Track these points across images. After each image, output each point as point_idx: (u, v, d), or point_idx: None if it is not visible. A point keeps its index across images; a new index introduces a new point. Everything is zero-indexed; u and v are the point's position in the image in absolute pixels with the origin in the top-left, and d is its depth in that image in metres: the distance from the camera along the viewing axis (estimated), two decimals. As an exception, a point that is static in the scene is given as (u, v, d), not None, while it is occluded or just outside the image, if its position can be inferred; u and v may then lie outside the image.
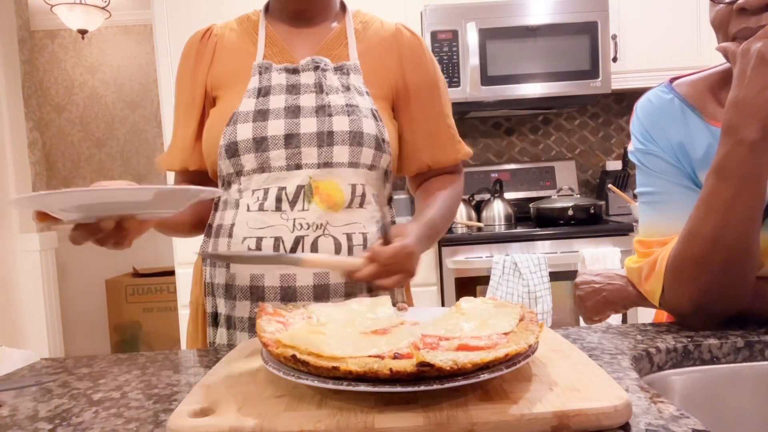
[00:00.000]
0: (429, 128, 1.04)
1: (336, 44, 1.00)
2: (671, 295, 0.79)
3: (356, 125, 0.92)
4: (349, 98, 0.94)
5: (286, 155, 0.90)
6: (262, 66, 0.96)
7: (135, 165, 4.07)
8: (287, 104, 0.92)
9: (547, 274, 2.13)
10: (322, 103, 0.92)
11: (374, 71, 0.99)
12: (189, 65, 1.02)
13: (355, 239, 0.92)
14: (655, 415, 0.49)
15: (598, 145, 2.94)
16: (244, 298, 0.91)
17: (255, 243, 0.89)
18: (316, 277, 0.89)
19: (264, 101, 0.93)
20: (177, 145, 1.03)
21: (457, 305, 0.70)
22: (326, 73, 0.95)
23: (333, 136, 0.90)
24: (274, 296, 0.89)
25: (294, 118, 0.91)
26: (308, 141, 0.90)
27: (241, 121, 0.91)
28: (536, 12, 2.39)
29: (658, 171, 0.85)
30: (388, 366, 0.47)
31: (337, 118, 0.91)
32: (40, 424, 0.55)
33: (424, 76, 1.03)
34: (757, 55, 0.66)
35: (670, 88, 0.88)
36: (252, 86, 0.94)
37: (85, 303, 3.99)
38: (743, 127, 0.67)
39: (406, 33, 1.04)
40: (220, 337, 0.95)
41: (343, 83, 0.95)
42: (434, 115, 1.04)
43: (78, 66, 4.04)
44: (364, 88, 0.97)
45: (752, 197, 0.70)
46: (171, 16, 2.37)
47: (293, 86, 0.94)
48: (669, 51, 2.50)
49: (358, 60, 0.99)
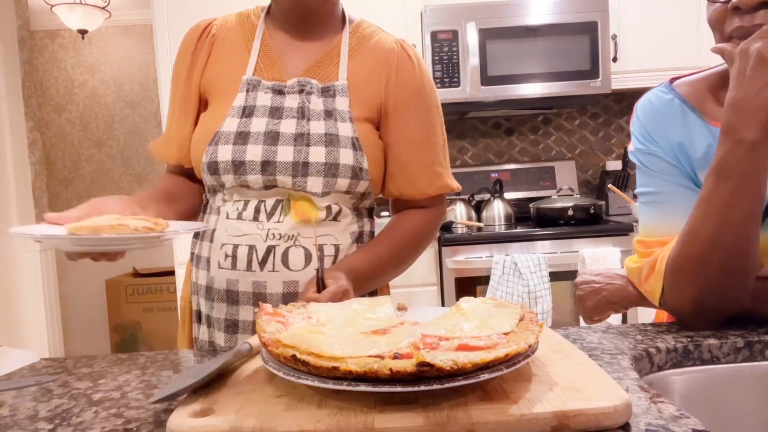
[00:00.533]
0: (401, 157, 1.00)
1: (327, 62, 0.99)
2: (671, 295, 0.79)
3: (332, 157, 0.92)
4: (329, 126, 0.93)
5: (263, 180, 0.92)
6: (251, 83, 0.96)
7: (135, 165, 4.07)
8: (267, 129, 0.93)
9: (547, 274, 2.13)
10: (302, 131, 0.93)
11: (361, 92, 0.98)
12: (185, 61, 1.02)
13: (326, 250, 0.95)
14: (655, 415, 0.49)
15: (598, 145, 2.94)
16: (221, 301, 0.95)
17: (231, 249, 0.93)
18: (285, 285, 0.93)
19: (246, 123, 0.94)
20: (173, 138, 1.04)
21: (457, 305, 0.69)
22: (311, 96, 0.95)
23: (308, 167, 0.92)
24: (246, 301, 0.93)
25: (272, 144, 0.92)
26: (283, 170, 0.91)
27: (222, 142, 0.93)
28: (536, 12, 2.39)
29: (658, 171, 0.85)
30: (388, 366, 0.47)
31: (315, 149, 0.92)
32: (40, 424, 0.55)
33: (404, 101, 0.99)
34: (756, 55, 0.66)
35: (670, 89, 0.88)
36: (237, 104, 0.95)
37: (85, 303, 3.99)
38: (742, 128, 0.67)
39: (401, 54, 1.01)
40: (202, 334, 1.00)
41: (327, 107, 0.95)
42: (410, 143, 0.99)
43: (78, 66, 4.03)
44: (347, 113, 0.96)
45: (752, 197, 0.70)
46: (171, 16, 2.37)
47: (276, 109, 0.95)
48: (669, 51, 2.50)
49: (346, 81, 0.97)
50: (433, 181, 1.01)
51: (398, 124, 0.99)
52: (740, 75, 0.68)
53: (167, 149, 1.05)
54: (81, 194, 4.04)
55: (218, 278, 0.95)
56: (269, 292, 0.93)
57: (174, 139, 1.04)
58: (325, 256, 0.94)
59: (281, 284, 0.93)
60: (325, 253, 0.94)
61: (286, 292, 0.93)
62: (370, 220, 1.06)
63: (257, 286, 0.93)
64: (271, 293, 0.93)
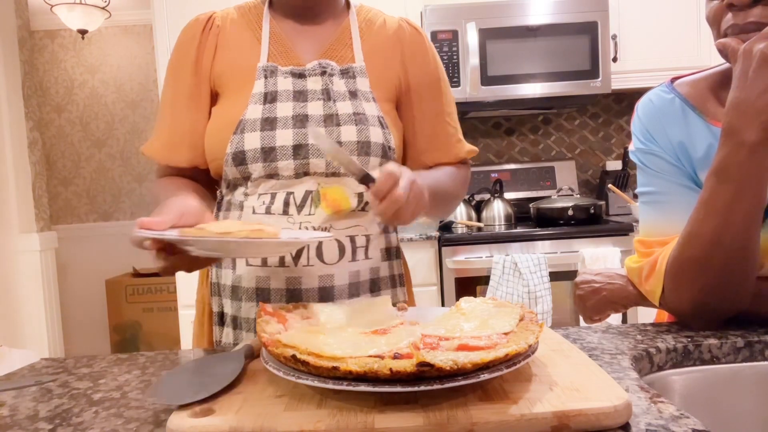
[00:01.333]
0: (430, 129, 1.02)
1: (341, 45, 0.99)
2: (671, 296, 0.79)
3: (364, 135, 0.91)
4: (356, 106, 0.93)
5: (295, 165, 0.89)
6: (268, 69, 0.94)
7: (135, 165, 4.07)
8: (295, 112, 0.91)
9: (547, 274, 2.13)
10: (330, 111, 0.91)
11: (379, 72, 0.98)
12: (190, 55, 0.97)
13: (358, 241, 0.92)
14: (655, 415, 0.49)
15: (598, 145, 2.94)
16: (250, 300, 0.91)
17: None
18: (320, 280, 0.89)
19: (271, 108, 0.91)
20: (182, 138, 0.97)
21: (457, 305, 0.70)
22: (333, 78, 0.94)
23: (341, 147, 0.90)
24: (279, 298, 0.89)
25: (302, 127, 0.90)
26: (317, 151, 0.89)
27: (248, 130, 0.89)
28: (536, 12, 2.39)
29: (658, 171, 0.85)
30: (388, 366, 0.47)
31: (345, 128, 0.91)
32: (40, 424, 0.55)
33: (425, 75, 1.02)
34: (759, 56, 0.65)
35: (671, 88, 0.88)
36: (257, 91, 0.92)
37: (85, 303, 3.99)
38: (744, 129, 0.67)
39: (408, 29, 1.03)
40: (226, 336, 0.96)
41: (350, 88, 0.94)
42: (435, 115, 1.02)
43: (78, 66, 4.04)
44: (370, 93, 0.96)
45: (752, 199, 0.70)
46: (171, 16, 2.37)
47: (300, 92, 0.93)
48: (669, 51, 2.50)
49: (363, 62, 0.97)
50: (461, 148, 1.05)
51: (422, 99, 1.01)
52: (743, 76, 0.67)
53: (175, 151, 0.97)
54: (81, 194, 4.04)
55: (246, 276, 0.91)
56: (304, 287, 0.89)
57: (185, 138, 0.96)
58: (357, 247, 0.92)
59: (317, 279, 0.89)
60: (357, 244, 0.92)
61: (322, 287, 0.89)
62: None
63: (291, 282, 0.89)
64: (306, 288, 0.89)
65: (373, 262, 0.95)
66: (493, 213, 2.54)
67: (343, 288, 0.91)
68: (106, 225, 4.04)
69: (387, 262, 0.99)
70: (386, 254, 0.98)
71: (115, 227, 4.02)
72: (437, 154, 1.03)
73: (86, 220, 4.05)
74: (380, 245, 0.97)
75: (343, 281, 0.90)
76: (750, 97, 0.66)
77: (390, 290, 0.98)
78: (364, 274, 0.93)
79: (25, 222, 2.87)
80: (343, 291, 0.91)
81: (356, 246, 0.92)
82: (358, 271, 0.92)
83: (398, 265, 1.02)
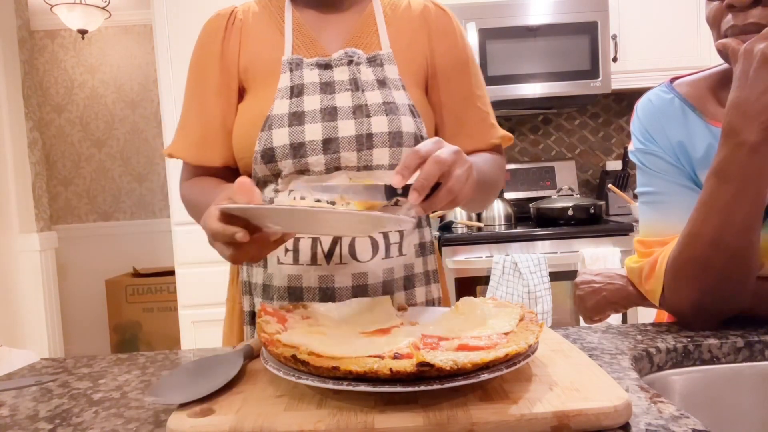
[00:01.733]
0: (459, 113, 0.97)
1: (366, 32, 0.95)
2: (671, 296, 0.79)
3: (395, 125, 0.88)
4: (385, 95, 0.89)
5: (325, 160, 0.86)
6: (293, 62, 0.91)
7: (135, 165, 4.07)
8: (323, 105, 0.88)
9: (547, 274, 2.13)
10: (359, 102, 0.88)
11: (406, 58, 0.95)
12: (215, 48, 0.95)
13: (391, 237, 0.89)
14: (655, 415, 0.49)
15: (598, 145, 2.94)
16: (281, 299, 0.88)
17: (292, 243, 0.86)
18: (354, 278, 0.86)
19: (298, 102, 0.88)
20: (214, 136, 0.94)
21: (457, 305, 0.70)
22: (360, 66, 0.91)
23: (372, 139, 0.87)
24: (312, 297, 0.87)
25: (331, 120, 0.87)
26: (347, 145, 0.86)
27: (276, 126, 0.87)
28: (536, 12, 2.39)
29: (658, 171, 0.85)
30: (388, 366, 0.47)
31: (376, 119, 0.87)
32: (40, 424, 0.55)
33: (452, 56, 0.97)
34: (760, 57, 0.65)
35: (670, 88, 0.88)
36: (283, 85, 0.90)
37: (85, 303, 3.99)
38: (744, 129, 0.67)
39: (434, 9, 1.00)
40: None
41: (378, 77, 0.91)
42: (463, 98, 0.98)
43: (78, 66, 4.04)
44: (399, 80, 0.93)
45: (753, 199, 0.70)
46: (171, 16, 2.37)
47: (327, 84, 0.90)
48: (669, 51, 2.50)
49: (390, 48, 0.94)
50: (493, 134, 0.99)
51: (450, 81, 0.97)
52: (743, 76, 0.67)
53: (207, 149, 0.94)
54: (81, 194, 4.04)
55: (278, 275, 0.88)
56: (337, 286, 0.86)
57: (217, 135, 0.94)
58: (390, 243, 0.88)
59: (350, 277, 0.86)
60: (390, 240, 0.88)
61: (356, 285, 0.86)
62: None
63: (324, 280, 0.86)
64: (339, 287, 0.86)
65: (407, 259, 0.92)
66: (493, 213, 2.54)
67: (377, 286, 0.88)
68: (106, 225, 4.04)
69: (421, 258, 0.95)
70: (420, 250, 0.95)
71: (115, 227, 4.02)
72: (468, 141, 0.96)
73: (86, 220, 4.05)
74: (414, 241, 0.93)
75: (376, 279, 0.87)
76: (750, 98, 0.66)
77: (424, 287, 0.95)
78: (398, 271, 0.90)
79: (25, 222, 2.87)
80: (377, 288, 0.88)
81: (390, 242, 0.88)
82: (392, 268, 0.89)
83: (432, 261, 0.98)
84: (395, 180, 0.66)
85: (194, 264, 2.32)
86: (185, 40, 2.28)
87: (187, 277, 2.35)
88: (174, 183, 2.31)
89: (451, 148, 0.67)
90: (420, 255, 0.94)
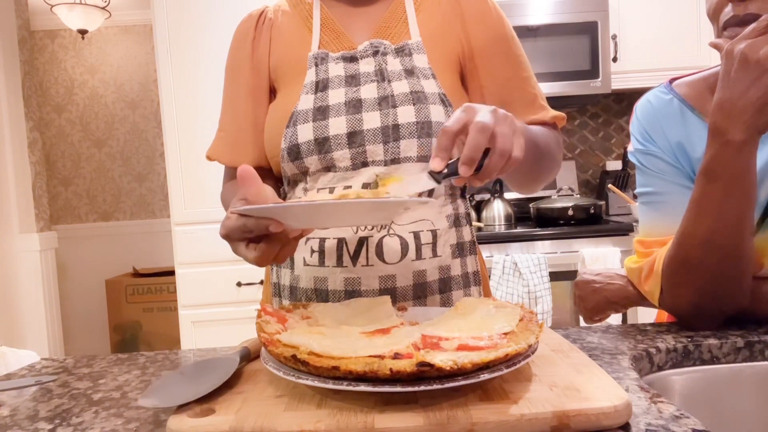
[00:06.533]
0: (503, 95, 0.91)
1: (395, 22, 0.92)
2: (669, 296, 0.79)
3: (423, 115, 0.84)
4: (413, 84, 0.85)
5: (351, 155, 0.83)
6: (318, 56, 0.89)
7: (135, 165, 4.07)
8: (347, 98, 0.85)
9: (547, 274, 2.13)
10: (385, 93, 0.85)
11: (438, 46, 0.91)
12: (245, 50, 0.95)
13: (423, 237, 0.84)
14: (655, 415, 0.49)
15: (598, 145, 2.94)
16: (309, 301, 0.86)
17: (318, 244, 0.85)
18: (381, 281, 0.83)
19: (322, 96, 0.86)
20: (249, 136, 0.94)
21: (457, 305, 0.70)
22: (386, 57, 0.88)
23: (399, 130, 0.83)
24: (338, 299, 0.84)
25: (356, 113, 0.84)
26: (373, 138, 0.83)
27: (300, 122, 0.85)
28: (536, 12, 2.39)
29: (657, 171, 0.85)
30: (388, 366, 0.47)
31: (402, 109, 0.83)
32: (40, 424, 0.55)
33: (490, 36, 0.92)
34: (740, 57, 0.66)
35: (669, 89, 0.88)
36: (309, 80, 0.88)
37: (85, 303, 3.99)
38: (729, 129, 0.68)
39: None
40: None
41: (406, 67, 0.87)
42: (506, 79, 0.92)
43: (78, 66, 4.03)
44: (429, 69, 0.88)
45: (742, 197, 0.70)
46: (171, 16, 2.36)
47: (352, 77, 0.87)
48: (669, 51, 2.50)
49: (420, 37, 0.90)
50: (544, 114, 0.93)
51: (490, 63, 0.92)
52: (725, 76, 0.68)
53: (240, 151, 0.94)
54: (81, 194, 4.04)
55: (304, 276, 0.86)
56: (364, 288, 0.83)
57: (248, 136, 0.93)
58: (422, 244, 0.84)
59: (377, 279, 0.82)
60: (422, 241, 0.84)
61: (383, 288, 0.82)
62: (464, 201, 0.94)
63: (350, 283, 0.83)
64: (366, 290, 0.83)
65: (442, 260, 0.86)
66: (493, 213, 2.54)
67: (407, 289, 0.84)
68: (106, 225, 4.04)
69: (459, 260, 0.89)
70: (458, 250, 0.89)
71: (115, 227, 4.02)
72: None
73: (86, 220, 4.05)
74: (450, 241, 0.88)
75: (406, 282, 0.83)
76: (732, 97, 0.67)
77: (462, 290, 0.89)
78: (432, 273, 0.85)
79: (25, 222, 2.87)
80: (407, 293, 0.84)
81: (421, 243, 0.84)
82: (424, 271, 0.84)
83: (473, 262, 0.92)
84: (434, 164, 0.63)
85: (194, 264, 2.32)
86: (185, 40, 2.28)
87: (187, 277, 2.35)
88: (174, 183, 2.32)
89: (486, 109, 0.63)
90: (458, 256, 0.89)
